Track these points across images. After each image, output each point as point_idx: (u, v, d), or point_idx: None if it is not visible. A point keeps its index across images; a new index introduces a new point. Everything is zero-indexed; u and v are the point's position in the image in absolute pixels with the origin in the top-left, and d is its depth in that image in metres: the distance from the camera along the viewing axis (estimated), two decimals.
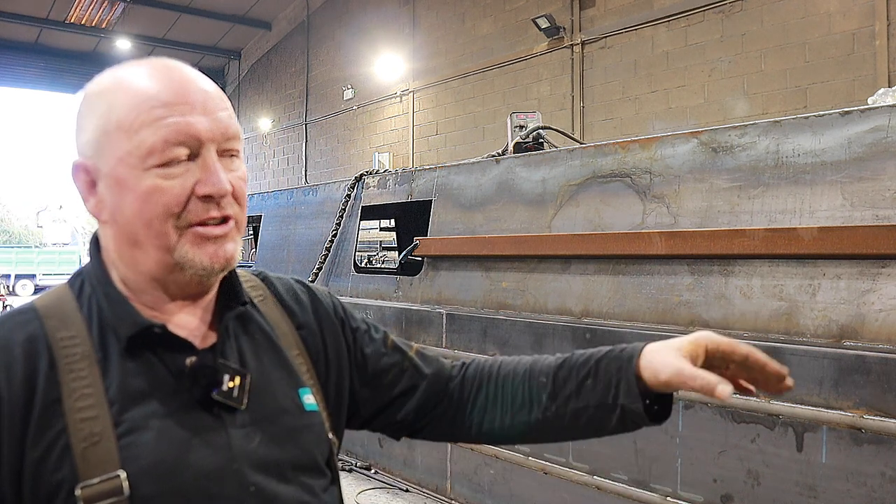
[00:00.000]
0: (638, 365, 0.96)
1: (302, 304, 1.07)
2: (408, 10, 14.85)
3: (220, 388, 0.88)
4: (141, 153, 0.85)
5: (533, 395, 1.05)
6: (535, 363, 1.08)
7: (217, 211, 0.88)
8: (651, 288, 2.86)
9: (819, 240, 2.34)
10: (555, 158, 3.41)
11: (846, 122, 2.38)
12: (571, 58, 11.32)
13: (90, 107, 0.89)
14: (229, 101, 0.93)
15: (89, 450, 0.80)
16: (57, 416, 0.81)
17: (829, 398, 2.30)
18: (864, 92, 6.97)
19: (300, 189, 5.73)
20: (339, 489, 1.02)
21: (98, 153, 0.88)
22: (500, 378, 1.10)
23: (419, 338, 3.95)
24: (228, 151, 0.90)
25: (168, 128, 0.85)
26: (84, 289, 0.92)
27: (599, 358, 1.01)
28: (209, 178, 0.87)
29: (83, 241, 32.95)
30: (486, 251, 3.58)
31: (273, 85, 20.28)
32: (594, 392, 0.99)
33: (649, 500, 2.81)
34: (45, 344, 0.85)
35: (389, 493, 4.04)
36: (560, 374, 1.04)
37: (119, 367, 0.86)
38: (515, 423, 1.06)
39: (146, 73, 0.88)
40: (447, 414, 1.12)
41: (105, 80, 0.91)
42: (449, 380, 1.14)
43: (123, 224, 0.87)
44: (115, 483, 0.79)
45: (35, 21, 18.52)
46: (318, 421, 0.98)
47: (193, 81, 0.89)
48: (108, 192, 0.88)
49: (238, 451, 0.88)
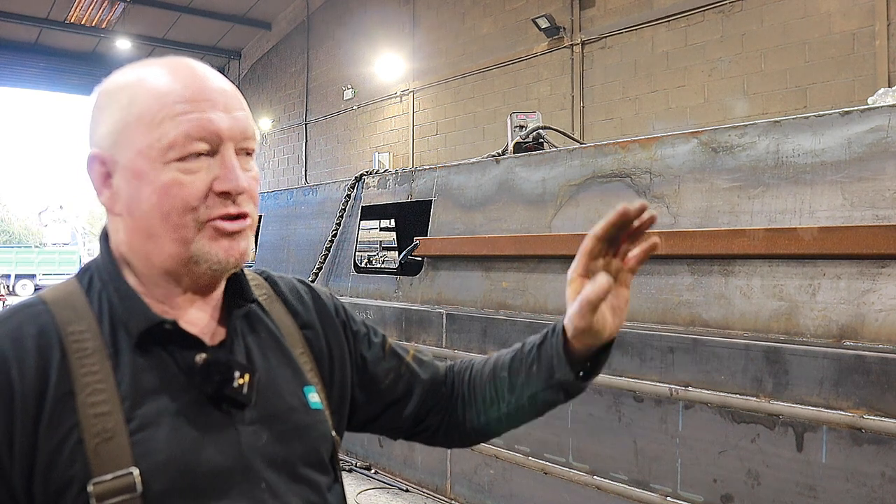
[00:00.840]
0: (564, 334, 1.01)
1: (305, 303, 1.08)
2: (408, 10, 14.85)
3: (231, 385, 0.88)
4: (162, 146, 0.85)
5: (497, 390, 1.11)
6: (497, 360, 1.13)
7: (234, 207, 0.89)
8: (651, 288, 2.86)
9: (819, 240, 2.34)
10: (555, 158, 3.41)
11: (846, 122, 2.38)
12: (571, 58, 11.31)
13: (110, 99, 0.90)
14: (246, 102, 0.95)
15: (102, 445, 0.80)
16: (69, 411, 0.81)
17: (829, 398, 2.30)
18: (864, 92, 6.97)
19: (300, 189, 5.73)
20: (342, 487, 1.02)
21: (116, 145, 0.88)
22: (472, 379, 1.15)
23: (419, 338, 3.95)
24: (244, 150, 0.92)
25: (190, 122, 0.86)
26: (93, 283, 0.92)
27: (541, 342, 1.06)
28: (227, 175, 0.88)
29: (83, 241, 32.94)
30: (486, 251, 3.58)
31: (273, 85, 20.28)
32: (539, 377, 1.05)
33: (649, 500, 2.81)
34: (56, 337, 0.85)
35: (389, 493, 4.04)
36: (513, 366, 1.09)
37: (130, 362, 0.86)
38: (490, 419, 1.12)
39: (168, 70, 0.90)
40: (444, 419, 1.15)
41: (127, 75, 0.92)
42: (442, 384, 1.17)
43: (140, 216, 0.88)
44: (128, 480, 0.79)
45: (35, 21, 18.51)
46: (323, 419, 0.99)
47: (214, 80, 0.91)
48: (124, 184, 0.88)
49: (248, 448, 0.88)
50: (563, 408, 1.17)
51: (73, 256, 30.20)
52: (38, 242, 34.77)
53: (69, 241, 32.78)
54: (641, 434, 2.85)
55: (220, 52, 21.52)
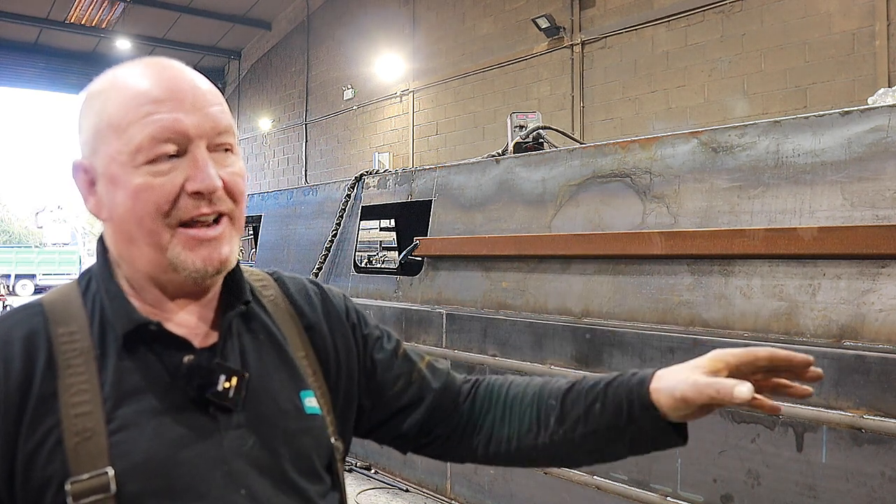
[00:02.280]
0: (649, 388, 0.94)
1: (313, 304, 1.06)
2: (408, 10, 14.85)
3: (215, 388, 0.87)
4: (130, 150, 0.85)
5: (541, 418, 1.02)
6: (544, 385, 1.06)
7: (208, 207, 0.87)
8: (651, 288, 2.86)
9: (819, 240, 2.34)
10: (555, 158, 3.41)
11: (846, 122, 2.38)
12: (571, 58, 11.32)
13: (88, 107, 0.90)
14: (223, 97, 0.93)
15: (81, 445, 0.80)
16: (51, 411, 0.81)
17: (829, 398, 2.30)
18: (864, 92, 6.97)
19: (300, 189, 5.73)
20: (342, 495, 0.99)
21: (94, 152, 0.88)
22: (508, 399, 1.07)
23: (419, 338, 3.95)
24: (221, 146, 0.89)
25: (155, 124, 0.85)
26: (90, 286, 0.92)
27: (609, 382, 0.99)
28: (198, 175, 0.86)
29: (83, 241, 32.94)
30: (486, 251, 3.58)
31: (273, 85, 20.28)
32: (602, 416, 0.97)
33: (649, 500, 2.81)
34: (45, 339, 0.85)
35: (389, 493, 4.04)
36: (569, 397, 1.01)
37: (116, 363, 0.86)
38: (522, 446, 1.04)
39: (139, 72, 0.89)
40: (455, 433, 1.09)
41: (102, 81, 0.91)
42: (458, 395, 1.10)
43: (119, 222, 0.88)
44: (103, 479, 0.79)
45: (35, 21, 18.51)
46: (319, 424, 0.96)
47: (183, 78, 0.89)
48: (104, 191, 0.88)
49: (230, 452, 0.87)
50: None
51: (73, 256, 30.21)
52: (38, 242, 34.77)
53: (69, 241, 32.78)
54: None
55: (220, 52, 21.52)
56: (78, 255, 30.44)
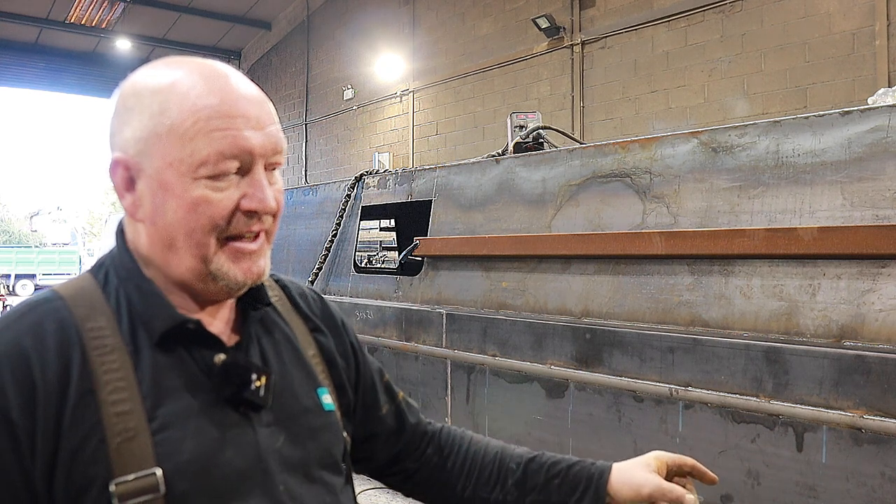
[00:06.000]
0: (608, 480, 1.06)
1: (314, 308, 1.09)
2: (408, 10, 14.84)
3: (249, 387, 0.88)
4: (193, 162, 0.84)
5: (500, 475, 1.11)
6: (505, 448, 1.15)
7: (258, 225, 0.89)
8: (651, 288, 2.86)
9: (819, 240, 2.34)
10: (555, 158, 3.41)
11: (846, 122, 2.38)
12: (571, 58, 11.32)
13: (139, 102, 0.87)
14: (276, 113, 0.93)
15: (124, 445, 0.79)
16: (91, 408, 0.80)
17: (829, 398, 2.30)
18: (864, 92, 6.98)
19: (300, 189, 5.73)
20: (353, 488, 1.03)
21: (143, 153, 0.86)
22: (470, 450, 1.15)
23: (419, 338, 3.95)
24: (273, 165, 0.91)
25: (224, 140, 0.84)
26: (109, 279, 0.91)
27: (572, 464, 1.10)
28: (255, 194, 0.87)
29: (83, 241, 32.94)
30: (486, 251, 3.58)
31: (273, 85, 20.28)
32: (559, 492, 1.08)
33: None
34: (76, 333, 0.83)
35: (389, 493, 4.04)
36: (531, 466, 1.10)
37: (151, 361, 0.85)
38: (476, 496, 1.12)
39: (202, 79, 0.87)
40: (420, 470, 1.15)
41: (158, 78, 0.88)
42: (425, 434, 1.17)
43: (163, 227, 0.87)
44: (151, 480, 0.79)
45: (35, 21, 18.51)
46: (336, 420, 0.99)
47: (248, 93, 0.89)
48: (149, 193, 0.87)
49: (265, 449, 0.88)
50: (563, 407, 1.19)
51: (73, 256, 30.24)
52: (38, 242, 34.77)
53: (69, 241, 32.79)
54: (641, 434, 2.85)
55: (220, 52, 21.51)
56: (78, 255, 30.45)
